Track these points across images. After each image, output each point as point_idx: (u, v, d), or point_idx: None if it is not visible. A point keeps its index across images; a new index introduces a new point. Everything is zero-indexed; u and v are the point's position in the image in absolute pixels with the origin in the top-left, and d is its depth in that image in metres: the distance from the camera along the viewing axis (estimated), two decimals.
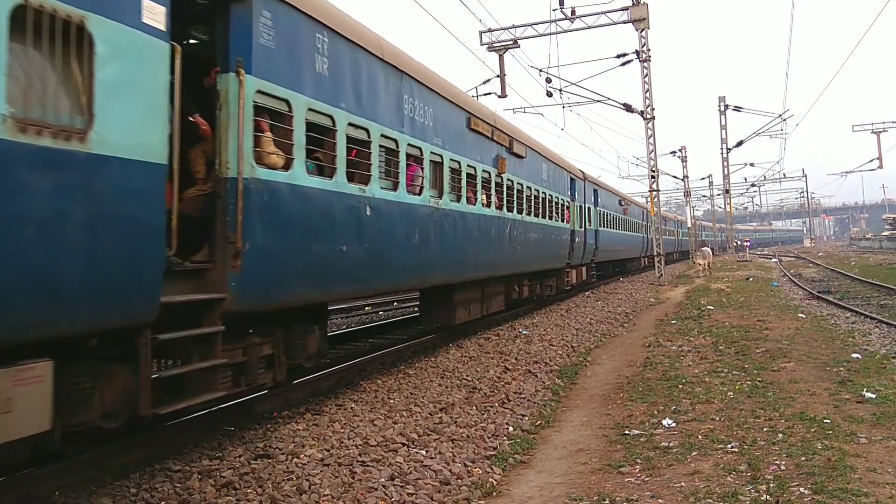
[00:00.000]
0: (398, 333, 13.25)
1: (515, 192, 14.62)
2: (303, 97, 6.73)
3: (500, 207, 13.49)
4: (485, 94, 27.19)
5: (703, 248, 38.16)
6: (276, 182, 6.30)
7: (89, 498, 4.98)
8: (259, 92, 6.09)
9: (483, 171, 12.56)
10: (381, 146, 8.46)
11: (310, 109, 6.85)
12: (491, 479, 5.52)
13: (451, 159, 10.93)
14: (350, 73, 7.75)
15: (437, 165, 10.50)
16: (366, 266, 8.10)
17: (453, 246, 10.99)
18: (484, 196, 12.57)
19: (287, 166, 6.45)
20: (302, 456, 5.83)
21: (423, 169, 9.81)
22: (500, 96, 27.45)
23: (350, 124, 7.64)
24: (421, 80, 9.86)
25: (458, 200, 11.20)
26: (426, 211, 9.90)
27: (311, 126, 6.87)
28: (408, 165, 9.28)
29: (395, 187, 8.85)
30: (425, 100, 10.00)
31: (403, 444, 6.23)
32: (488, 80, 27.45)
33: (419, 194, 9.70)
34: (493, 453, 6.14)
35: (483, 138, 12.73)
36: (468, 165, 11.75)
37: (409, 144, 9.27)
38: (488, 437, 6.61)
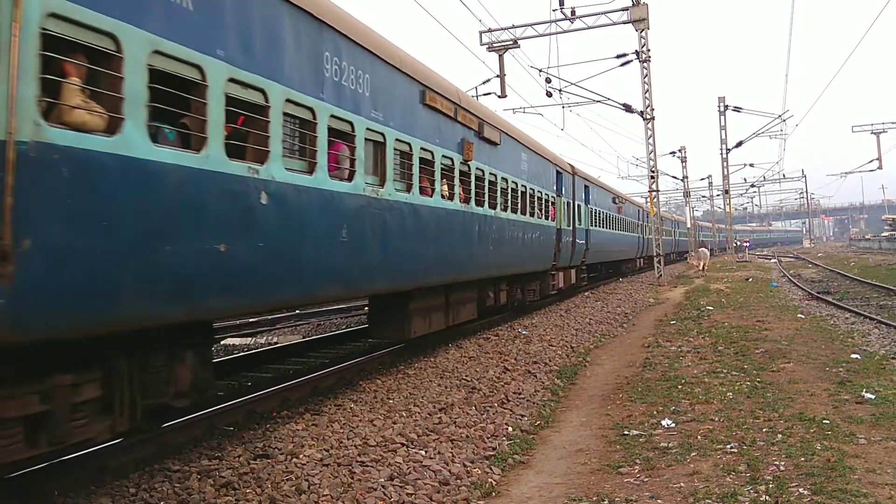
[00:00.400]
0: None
1: (487, 183, 12.73)
2: (141, 33, 4.79)
3: (466, 201, 11.64)
4: (485, 94, 27.21)
5: (701, 249, 37.75)
6: (89, 151, 4.39)
7: (88, 498, 4.99)
8: (53, 16, 4.21)
9: (443, 156, 10.61)
10: (286, 114, 6.59)
11: (157, 52, 4.92)
12: (490, 480, 5.53)
13: (397, 139, 8.93)
14: (234, 13, 5.81)
15: (378, 146, 8.54)
16: (263, 272, 6.16)
17: (402, 246, 9.12)
18: (445, 186, 10.67)
19: (112, 129, 4.57)
20: (301, 456, 5.83)
21: (355, 149, 7.87)
22: (499, 96, 27.47)
23: (233, 80, 5.72)
24: (352, 36, 7.87)
25: (409, 190, 9.34)
26: (360, 202, 7.98)
27: (159, 76, 4.97)
28: (331, 143, 7.33)
29: (310, 170, 6.93)
30: (359, 62, 8.02)
31: (403, 445, 6.23)
32: (488, 80, 27.47)
33: (349, 180, 7.76)
34: (492, 453, 6.14)
35: (443, 117, 10.63)
36: (422, 149, 9.74)
37: (332, 116, 7.33)
38: (487, 438, 6.62)
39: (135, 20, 4.77)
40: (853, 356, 10.00)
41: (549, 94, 28.89)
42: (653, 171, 29.12)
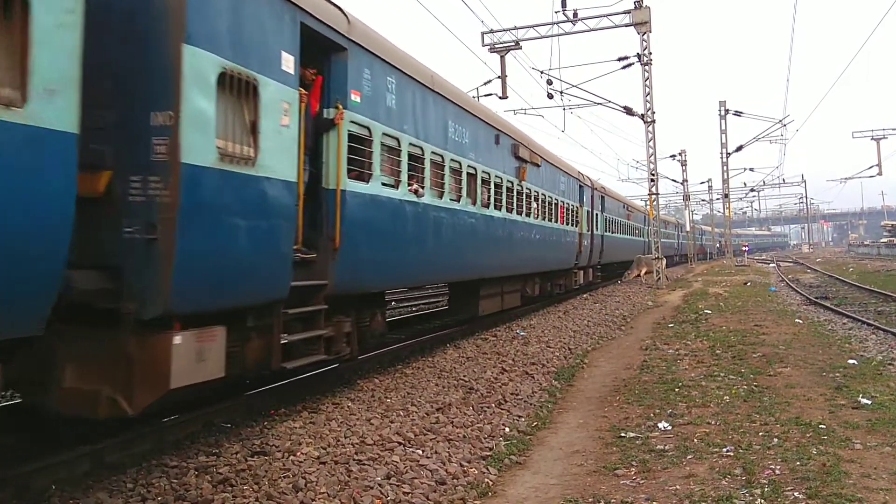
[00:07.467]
0: (396, 333, 13.24)
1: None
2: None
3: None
4: (486, 95, 27.24)
5: (643, 256, 34.42)
6: None
7: (86, 493, 4.99)
8: None
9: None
10: None
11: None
12: (487, 480, 5.54)
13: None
14: None
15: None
16: None
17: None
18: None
19: None
20: (298, 454, 5.84)
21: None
22: (501, 97, 27.51)
23: None
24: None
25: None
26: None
27: None
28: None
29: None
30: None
31: (400, 444, 6.24)
32: (489, 82, 27.50)
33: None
34: (489, 454, 6.16)
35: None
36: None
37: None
38: (484, 438, 6.63)
39: None
40: (850, 361, 10.02)
41: (550, 96, 28.96)
42: (653, 175, 29.13)
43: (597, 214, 24.94)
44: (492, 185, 12.83)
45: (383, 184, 8.50)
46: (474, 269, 12.39)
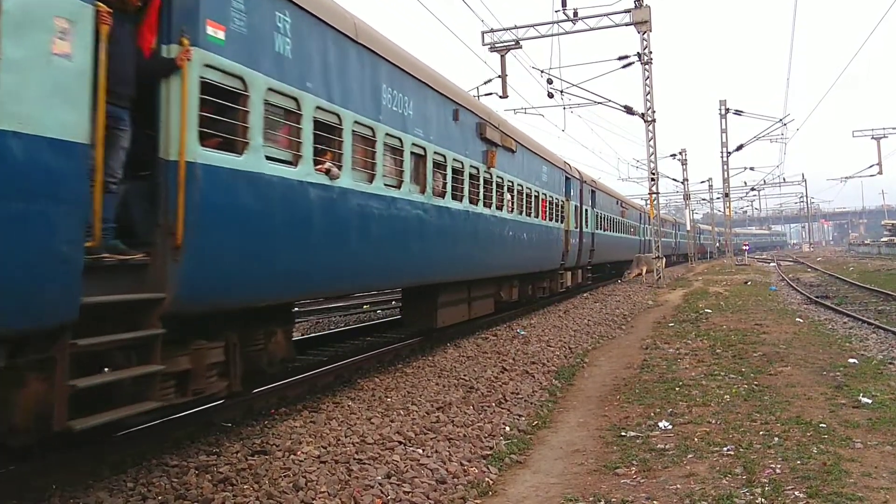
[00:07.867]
0: (396, 332, 13.24)
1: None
2: None
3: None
4: (486, 95, 27.22)
5: (643, 255, 34.31)
6: None
7: (86, 492, 4.99)
8: None
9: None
10: None
11: None
12: (487, 479, 5.54)
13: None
14: None
15: None
16: None
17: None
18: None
19: None
20: (299, 453, 5.85)
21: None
22: (501, 96, 27.49)
23: None
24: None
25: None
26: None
27: None
28: None
29: None
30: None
31: (400, 443, 6.25)
32: (489, 81, 27.49)
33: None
34: (489, 453, 6.16)
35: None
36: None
37: None
38: (485, 437, 6.63)
39: None
40: (850, 360, 10.02)
41: (550, 96, 28.95)
42: (653, 174, 29.13)
43: (586, 210, 22.97)
44: (448, 171, 10.70)
45: (270, 158, 6.32)
46: (425, 272, 10.24)
